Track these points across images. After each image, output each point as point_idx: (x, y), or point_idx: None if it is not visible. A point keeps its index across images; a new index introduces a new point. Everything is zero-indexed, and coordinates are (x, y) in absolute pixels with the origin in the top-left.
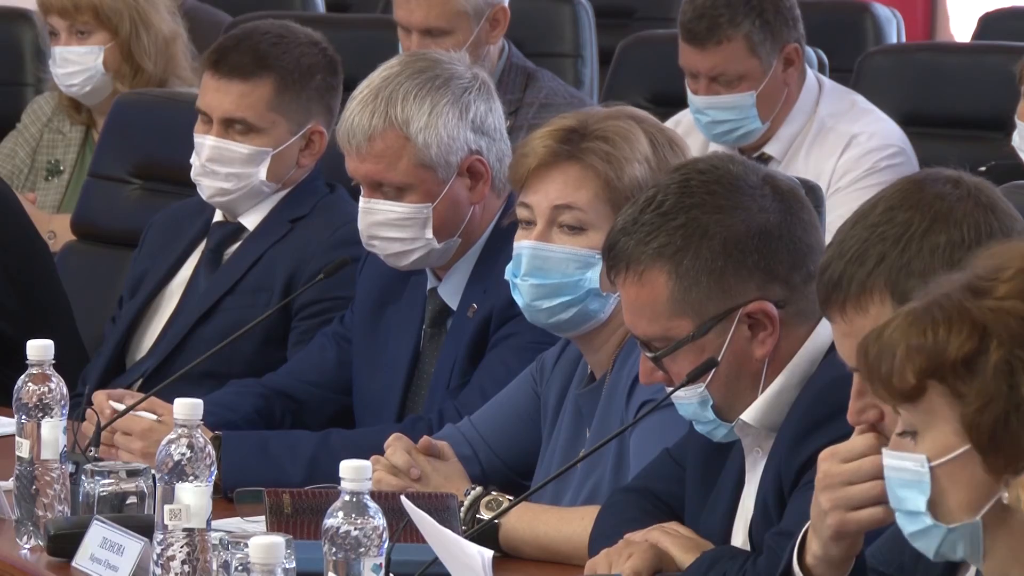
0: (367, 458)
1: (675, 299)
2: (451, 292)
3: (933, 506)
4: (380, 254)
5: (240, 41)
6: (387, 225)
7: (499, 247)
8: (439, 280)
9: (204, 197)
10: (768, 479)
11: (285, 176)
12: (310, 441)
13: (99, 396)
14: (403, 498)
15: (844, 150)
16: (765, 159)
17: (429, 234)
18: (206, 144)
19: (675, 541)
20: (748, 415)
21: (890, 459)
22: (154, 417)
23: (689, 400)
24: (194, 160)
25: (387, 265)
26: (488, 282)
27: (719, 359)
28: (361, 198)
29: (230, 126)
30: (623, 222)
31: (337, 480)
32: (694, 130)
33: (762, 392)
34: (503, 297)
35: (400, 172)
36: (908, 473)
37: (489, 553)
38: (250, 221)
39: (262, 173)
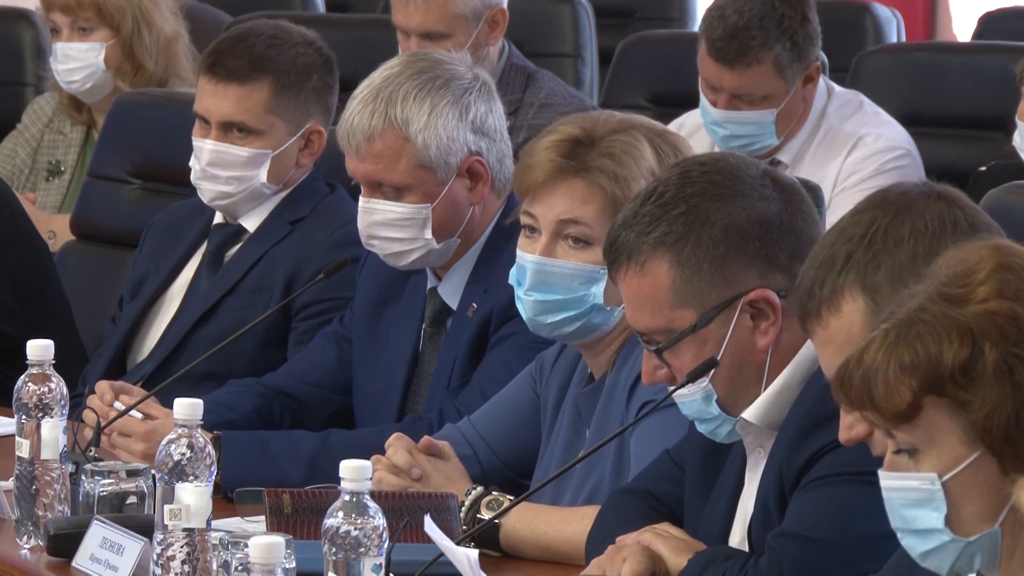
0: (367, 458)
1: (677, 288)
2: (451, 292)
3: (949, 521)
4: (379, 254)
5: (235, 44)
6: (386, 225)
7: (500, 247)
8: (439, 280)
9: (205, 201)
10: (769, 479)
11: (285, 177)
12: (310, 441)
13: (102, 385)
14: (427, 526)
15: (851, 151)
16: (775, 163)
17: (428, 234)
18: (205, 148)
19: (666, 543)
20: (750, 414)
21: (890, 480)
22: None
23: (692, 396)
24: (194, 164)
25: (387, 265)
26: (488, 282)
27: (722, 351)
28: (361, 198)
29: (229, 130)
30: (624, 217)
31: (337, 480)
32: (698, 132)
33: (765, 387)
34: (503, 297)
35: (399, 172)
36: (916, 492)
37: (474, 552)
38: (251, 223)
39: (263, 175)
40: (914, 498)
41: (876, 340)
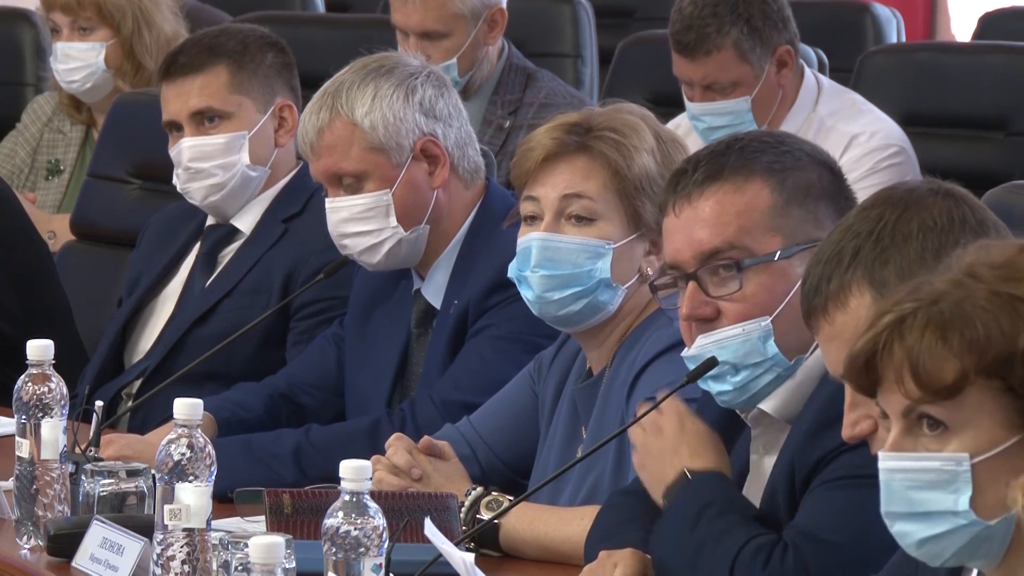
0: (344, 449)
1: (775, 212)
2: (434, 292)
3: (972, 503)
4: (353, 252)
5: (184, 45)
6: (352, 220)
7: (478, 244)
8: (423, 281)
9: (197, 202)
10: (780, 471)
11: (268, 158)
12: (291, 436)
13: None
14: (427, 529)
15: (845, 150)
16: None
17: (394, 222)
18: (183, 147)
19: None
20: (768, 405)
21: (896, 461)
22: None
23: (748, 335)
24: (176, 173)
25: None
26: (468, 278)
27: (792, 290)
28: (326, 200)
29: (200, 122)
30: (717, 145)
31: (319, 474)
32: (693, 132)
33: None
34: (479, 289)
35: (353, 159)
36: (932, 473)
37: (471, 556)
38: (244, 223)
39: (245, 157)
40: (927, 479)
41: (919, 315)
